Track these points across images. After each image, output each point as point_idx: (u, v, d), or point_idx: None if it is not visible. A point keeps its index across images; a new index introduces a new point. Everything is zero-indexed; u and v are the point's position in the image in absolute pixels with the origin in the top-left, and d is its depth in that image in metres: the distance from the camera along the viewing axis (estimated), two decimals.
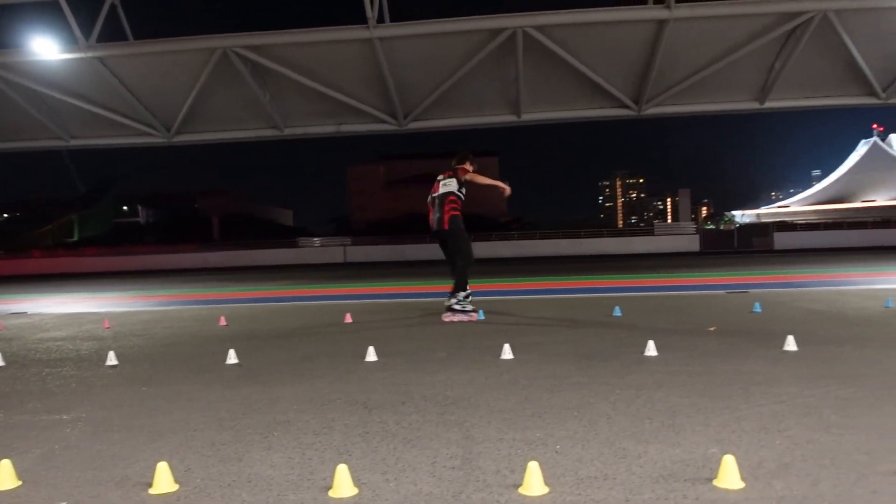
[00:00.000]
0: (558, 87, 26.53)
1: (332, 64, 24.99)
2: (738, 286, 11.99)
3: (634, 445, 3.17)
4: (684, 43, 24.13)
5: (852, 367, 4.75)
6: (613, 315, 8.12)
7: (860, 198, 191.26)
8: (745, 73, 26.27)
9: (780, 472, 2.76)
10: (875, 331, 6.41)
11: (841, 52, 24.77)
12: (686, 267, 19.49)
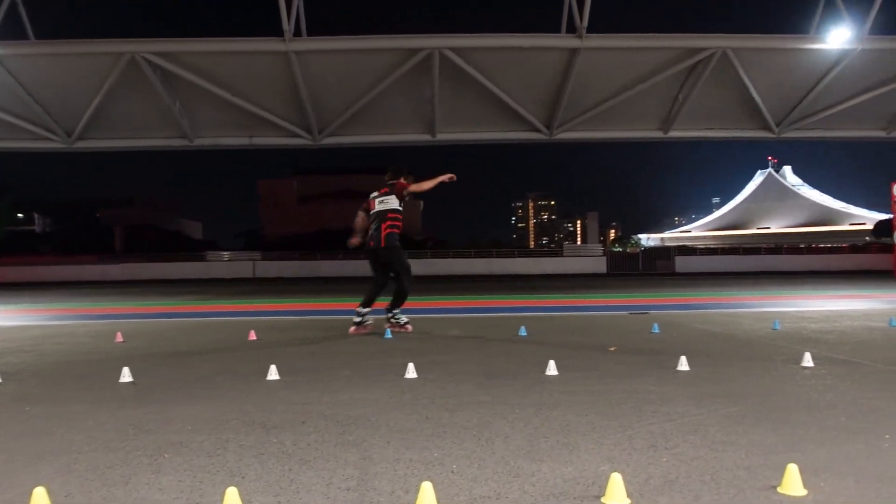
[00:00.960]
0: (473, 108, 26.95)
1: (246, 75, 24.56)
2: (639, 307, 12.42)
3: (529, 464, 3.23)
4: (595, 71, 25.00)
5: (738, 387, 4.99)
6: (519, 334, 8.25)
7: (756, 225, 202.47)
8: (651, 104, 27.45)
9: (666, 488, 2.86)
10: (762, 352, 6.76)
11: (739, 88, 26.25)
12: (592, 288, 20.04)
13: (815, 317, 10.39)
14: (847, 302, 13.55)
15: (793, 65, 25.44)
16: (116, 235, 79.45)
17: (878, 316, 10.35)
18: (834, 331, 8.48)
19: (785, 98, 27.21)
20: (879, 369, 5.70)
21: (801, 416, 4.09)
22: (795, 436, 3.66)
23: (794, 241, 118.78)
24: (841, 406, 4.35)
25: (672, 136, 29.10)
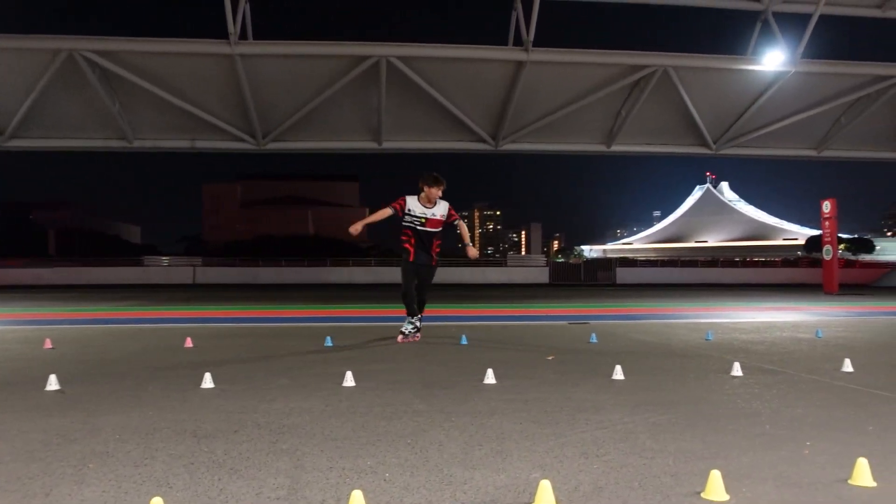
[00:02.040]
0: (420, 117, 27.03)
1: (189, 77, 24.11)
2: (579, 317, 12.61)
3: (462, 472, 3.24)
4: (540, 85, 25.38)
5: (670, 395, 5.11)
6: (460, 343, 8.28)
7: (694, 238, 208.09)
8: (595, 118, 28.01)
9: (594, 494, 2.91)
10: (694, 361, 6.94)
11: (679, 105, 27.02)
12: (534, 298, 20.26)
13: (747, 328, 10.73)
14: (777, 314, 14.02)
15: (730, 84, 26.32)
16: (50, 238, 76.71)
17: (806, 327, 10.74)
18: (764, 341, 8.77)
19: (722, 116, 28.11)
20: (804, 379, 5.91)
21: (727, 424, 4.21)
22: (721, 443, 3.77)
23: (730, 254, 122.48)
24: (766, 414, 4.50)
25: (615, 150, 29.73)
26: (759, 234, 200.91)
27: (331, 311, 14.32)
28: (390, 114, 26.44)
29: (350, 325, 11.30)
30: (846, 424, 4.24)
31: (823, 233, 24.88)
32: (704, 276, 37.86)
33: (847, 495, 2.94)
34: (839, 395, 5.18)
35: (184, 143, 27.56)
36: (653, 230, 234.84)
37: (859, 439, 3.87)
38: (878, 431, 4.08)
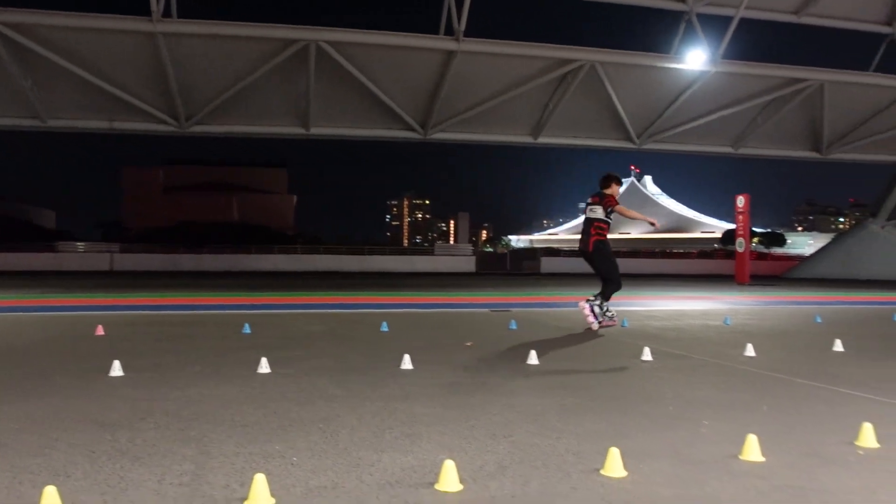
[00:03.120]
0: (349, 104, 26.79)
1: (108, 55, 23.17)
2: (501, 305, 12.78)
3: (370, 454, 3.25)
4: (470, 75, 25.51)
5: (581, 380, 5.26)
6: (381, 330, 8.29)
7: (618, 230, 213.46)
8: (523, 110, 28.37)
9: (498, 474, 2.98)
10: (608, 347, 7.16)
11: (605, 100, 27.64)
12: (459, 286, 20.41)
13: (661, 315, 11.11)
14: (690, 302, 14.56)
15: (654, 81, 27.08)
16: None
17: (716, 315, 11.21)
18: (675, 328, 9.11)
19: (646, 112, 28.92)
20: (708, 363, 6.17)
21: (632, 406, 4.36)
22: (625, 423, 3.91)
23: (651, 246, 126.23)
24: (669, 396, 4.68)
25: (542, 142, 30.20)
26: (680, 226, 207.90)
27: (252, 299, 14.07)
28: (319, 100, 26.10)
29: (271, 312, 11.14)
30: (743, 404, 4.46)
31: (737, 226, 25.93)
32: (625, 267, 38.67)
33: (736, 469, 3.10)
34: (739, 378, 5.43)
35: (102, 123, 26.50)
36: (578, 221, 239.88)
37: (753, 418, 4.08)
38: (771, 411, 4.30)
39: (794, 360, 6.47)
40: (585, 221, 9.04)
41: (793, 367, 6.06)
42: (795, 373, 5.72)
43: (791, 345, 7.68)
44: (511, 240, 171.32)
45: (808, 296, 18.07)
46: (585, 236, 8.97)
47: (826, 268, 35.23)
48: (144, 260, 36.11)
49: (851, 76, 27.48)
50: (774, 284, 25.72)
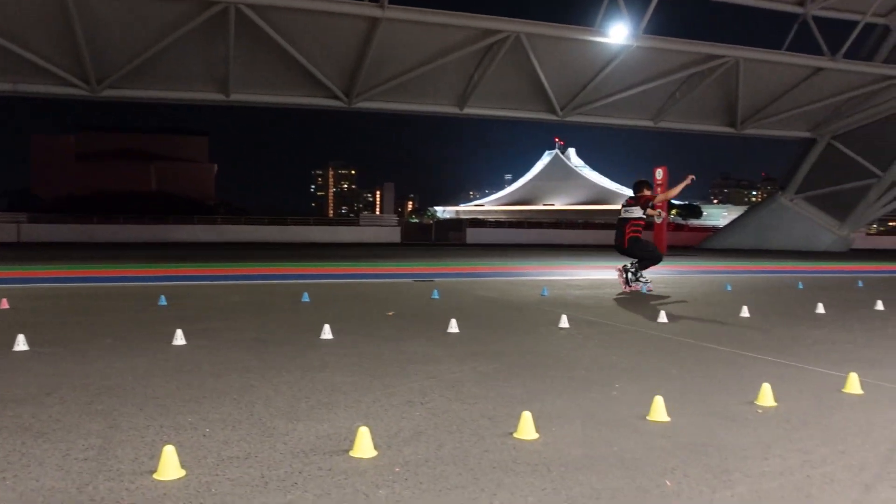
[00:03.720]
0: (271, 70, 26.09)
1: (11, 10, 21.75)
2: (425, 275, 12.82)
3: (285, 424, 3.23)
4: (395, 43, 25.19)
5: (500, 346, 5.34)
6: (302, 301, 8.19)
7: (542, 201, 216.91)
8: (449, 80, 28.25)
9: (413, 439, 3.00)
10: (528, 315, 7.28)
11: (530, 72, 27.80)
12: (384, 257, 20.37)
13: (581, 284, 11.38)
14: (610, 272, 14.93)
15: (578, 54, 27.38)
16: None
17: None
18: (593, 296, 9.35)
19: (570, 84, 29.26)
20: (623, 329, 6.37)
21: (548, 371, 4.47)
22: (540, 388, 4.00)
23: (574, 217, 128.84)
24: (584, 361, 4.81)
25: (467, 113, 30.21)
26: (602, 198, 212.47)
27: (169, 271, 13.66)
28: (240, 65, 25.30)
29: (188, 284, 10.84)
30: (653, 368, 4.63)
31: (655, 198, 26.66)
32: (549, 237, 39.66)
33: (643, 429, 3.22)
34: (652, 344, 5.63)
35: (4, 85, 24.97)
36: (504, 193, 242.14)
37: (662, 381, 4.24)
38: (679, 374, 4.48)
39: (703, 326, 6.74)
40: (620, 221, 10.19)
41: (702, 332, 6.32)
42: (704, 338, 5.96)
43: (702, 312, 8.00)
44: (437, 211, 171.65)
45: (720, 265, 18.84)
46: (621, 235, 10.12)
47: (739, 238, 36.78)
48: (55, 231, 34.49)
49: (765, 54, 28.46)
50: (690, 254, 26.69)
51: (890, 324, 7.14)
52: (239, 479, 2.53)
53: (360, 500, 2.34)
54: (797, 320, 7.32)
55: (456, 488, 2.45)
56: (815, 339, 6.10)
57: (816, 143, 34.97)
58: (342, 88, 27.41)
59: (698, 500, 2.40)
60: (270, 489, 2.43)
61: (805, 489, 2.54)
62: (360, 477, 2.55)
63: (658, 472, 2.66)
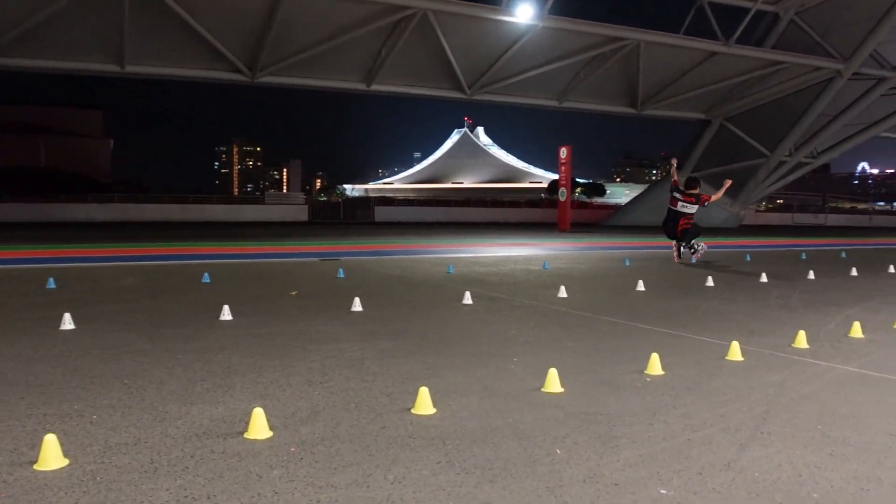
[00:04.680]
0: (169, 41, 24.94)
1: None
2: (331, 254, 12.70)
3: (178, 408, 3.14)
4: (301, 16, 24.56)
5: (402, 324, 5.37)
6: (202, 281, 7.96)
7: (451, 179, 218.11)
8: (356, 56, 27.81)
9: (310, 418, 2.99)
10: (432, 292, 7.34)
11: (437, 49, 27.70)
12: (290, 236, 20.02)
13: (486, 262, 11.55)
14: (515, 249, 15.25)
15: (485, 33, 27.46)
16: None
17: (537, 260, 11.82)
18: (498, 273, 9.51)
19: (477, 63, 29.36)
20: (524, 304, 6.52)
21: (448, 347, 4.52)
22: (439, 364, 4.05)
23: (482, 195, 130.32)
24: (484, 336, 4.91)
25: (375, 90, 29.87)
26: (510, 177, 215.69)
27: (59, 252, 12.95)
28: (136, 35, 24.03)
29: (80, 265, 10.32)
30: (550, 341, 4.77)
31: (559, 177, 27.32)
32: (457, 216, 39.95)
33: (537, 400, 3.32)
34: (550, 318, 5.79)
35: None
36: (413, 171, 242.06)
37: (558, 354, 4.38)
38: (574, 346, 4.63)
39: (600, 300, 6.99)
40: (676, 213, 11.57)
41: (599, 306, 6.55)
42: (600, 311, 6.18)
43: (600, 286, 8.28)
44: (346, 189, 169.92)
45: (620, 241, 19.52)
46: (674, 224, 11.60)
47: (639, 215, 38.12)
48: None
49: (664, 37, 29.39)
50: (593, 231, 27.50)
51: (772, 295, 7.60)
52: (127, 465, 2.45)
53: (252, 481, 2.32)
54: (688, 293, 7.69)
55: (351, 465, 2.46)
56: (703, 310, 6.43)
57: (711, 125, 36.54)
58: (245, 62, 26.54)
59: (586, 466, 2.50)
60: (160, 474, 2.37)
61: (685, 451, 2.69)
62: (254, 458, 2.52)
63: (549, 442, 2.75)
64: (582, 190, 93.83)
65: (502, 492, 2.26)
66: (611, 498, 2.23)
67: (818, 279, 9.35)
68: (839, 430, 2.98)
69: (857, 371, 4.09)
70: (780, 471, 2.51)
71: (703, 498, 2.25)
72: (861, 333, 5.20)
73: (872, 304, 6.95)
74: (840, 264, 12.00)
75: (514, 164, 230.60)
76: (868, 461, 2.62)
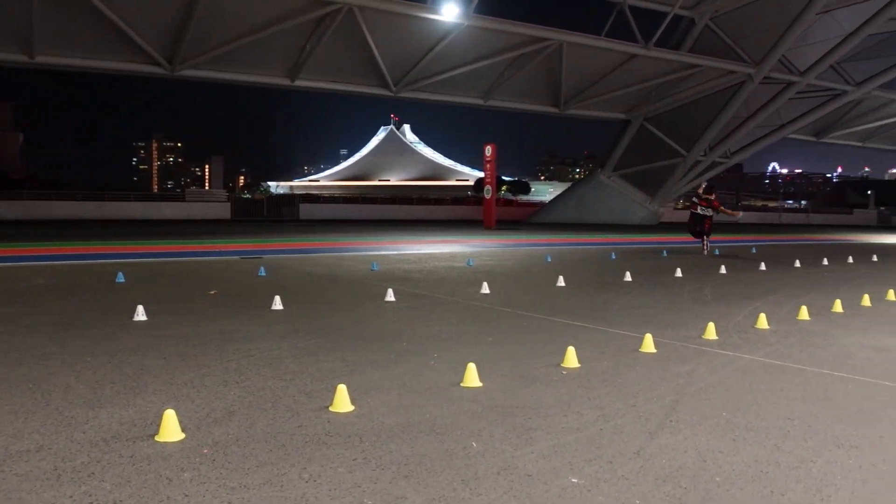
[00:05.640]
0: (83, 31, 23.92)
1: None
2: (253, 252, 12.46)
3: (85, 412, 3.03)
4: (223, 9, 23.97)
5: (323, 322, 5.32)
6: (117, 281, 7.68)
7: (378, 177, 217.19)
8: (280, 50, 27.33)
9: (225, 419, 2.93)
10: (355, 290, 7.30)
11: (363, 46, 27.51)
12: (211, 234, 19.53)
13: (411, 259, 11.57)
14: (441, 246, 15.32)
15: (411, 30, 27.44)
16: None
17: (461, 257, 11.91)
18: (422, 270, 9.54)
19: (403, 60, 29.31)
20: (447, 301, 6.57)
21: (369, 344, 4.52)
22: (360, 361, 4.04)
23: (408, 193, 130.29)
24: (406, 333, 4.92)
25: (299, 85, 29.44)
26: (436, 174, 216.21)
27: None
28: (48, 24, 22.94)
29: None
30: (470, 337, 4.82)
31: (485, 174, 27.57)
32: (383, 213, 39.85)
33: (455, 395, 3.36)
34: (472, 313, 5.85)
35: None
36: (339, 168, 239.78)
37: (478, 349, 4.43)
38: (494, 341, 4.70)
39: (522, 296, 7.10)
40: (698, 216, 14.25)
41: (520, 301, 6.66)
42: (521, 307, 6.29)
43: (522, 282, 8.42)
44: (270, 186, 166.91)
45: (544, 238, 19.87)
46: (701, 224, 14.19)
47: (562, 213, 38.90)
48: None
49: (586, 39, 30.02)
50: (517, 228, 27.88)
51: (686, 289, 7.89)
52: (28, 473, 2.35)
53: (162, 485, 2.26)
54: (607, 287, 7.90)
55: (265, 465, 2.43)
56: (621, 304, 6.63)
57: (631, 125, 37.59)
58: (164, 54, 25.71)
59: (501, 459, 2.54)
60: (63, 481, 2.29)
61: (597, 440, 2.77)
62: (165, 461, 2.46)
63: (466, 435, 2.79)
64: (507, 188, 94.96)
65: (417, 486, 2.28)
66: (523, 488, 2.28)
67: (730, 273, 9.77)
68: (742, 417, 3.13)
69: (761, 360, 4.29)
70: (686, 457, 2.61)
71: (612, 485, 2.32)
72: (767, 325, 5.46)
73: (778, 297, 7.30)
74: (750, 260, 12.57)
75: (440, 161, 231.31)
76: (767, 445, 2.76)
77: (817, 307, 6.54)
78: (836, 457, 2.64)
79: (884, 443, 2.82)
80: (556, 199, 43.77)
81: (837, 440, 2.84)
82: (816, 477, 2.44)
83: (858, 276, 9.88)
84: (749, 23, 30.46)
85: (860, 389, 3.67)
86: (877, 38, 31.09)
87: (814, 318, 5.95)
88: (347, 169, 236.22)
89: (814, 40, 30.33)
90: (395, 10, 26.17)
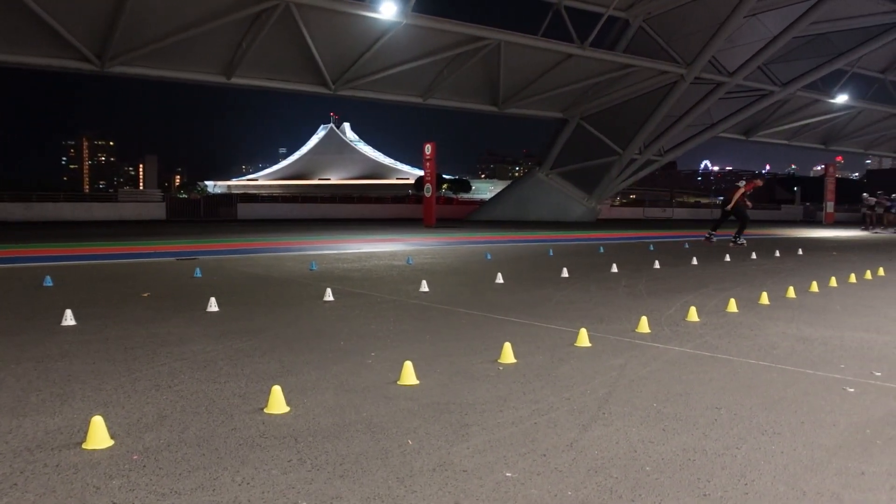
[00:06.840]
0: (6, 25, 22.95)
1: None
2: (189, 253, 12.19)
3: (8, 421, 2.93)
4: (154, 4, 23.34)
5: (259, 323, 5.25)
6: (44, 285, 7.41)
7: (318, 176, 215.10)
8: (215, 47, 26.79)
9: (156, 424, 2.88)
10: (292, 290, 7.23)
11: (301, 43, 27.19)
12: (145, 235, 19.02)
13: (350, 258, 11.50)
14: (380, 245, 15.27)
15: (349, 28, 27.23)
16: None
17: (401, 255, 11.91)
18: (361, 269, 9.50)
19: (341, 58, 29.08)
20: (386, 300, 6.56)
21: (306, 344, 4.49)
22: (296, 362, 4.01)
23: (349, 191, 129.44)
24: (344, 333, 4.90)
25: (235, 83, 28.92)
26: (377, 173, 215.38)
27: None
28: None
29: None
30: (409, 335, 4.83)
31: (424, 173, 27.61)
32: (323, 212, 39.47)
33: (392, 393, 3.37)
34: (411, 312, 5.86)
35: None
36: (278, 167, 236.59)
37: (416, 347, 4.45)
38: (431, 339, 4.72)
39: (460, 293, 7.15)
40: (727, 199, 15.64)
41: (458, 299, 6.71)
42: (459, 304, 6.33)
43: (461, 280, 8.47)
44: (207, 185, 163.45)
45: (483, 236, 20.02)
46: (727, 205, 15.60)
47: (502, 211, 39.25)
48: None
49: (524, 38, 30.34)
50: (458, 226, 28.01)
51: (621, 284, 8.08)
52: None
53: (89, 493, 2.21)
54: (544, 284, 8.02)
55: (197, 470, 2.40)
56: (557, 299, 6.74)
57: (568, 123, 38.17)
58: (93, 50, 24.87)
59: (437, 455, 2.57)
60: None
61: (532, 434, 2.82)
62: (92, 469, 2.40)
63: (402, 433, 2.80)
64: (448, 186, 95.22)
65: (352, 485, 2.28)
66: (458, 484, 2.31)
67: (663, 268, 10.04)
68: (672, 407, 3.23)
69: (691, 352, 4.44)
70: (617, 447, 2.68)
71: (545, 478, 2.37)
72: (697, 317, 5.64)
73: (708, 291, 7.54)
74: (683, 254, 12.93)
75: (381, 160, 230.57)
76: (695, 433, 2.86)
77: (745, 299, 6.79)
78: (759, 443, 2.76)
79: (804, 428, 2.95)
80: (496, 197, 44.15)
81: (761, 427, 2.96)
82: (741, 463, 2.54)
83: (784, 270, 10.28)
84: (681, 25, 31.32)
85: (783, 378, 3.83)
86: (801, 41, 32.40)
87: (741, 310, 6.17)
88: (287, 168, 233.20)
89: (742, 42, 31.40)
90: (333, 7, 25.94)
